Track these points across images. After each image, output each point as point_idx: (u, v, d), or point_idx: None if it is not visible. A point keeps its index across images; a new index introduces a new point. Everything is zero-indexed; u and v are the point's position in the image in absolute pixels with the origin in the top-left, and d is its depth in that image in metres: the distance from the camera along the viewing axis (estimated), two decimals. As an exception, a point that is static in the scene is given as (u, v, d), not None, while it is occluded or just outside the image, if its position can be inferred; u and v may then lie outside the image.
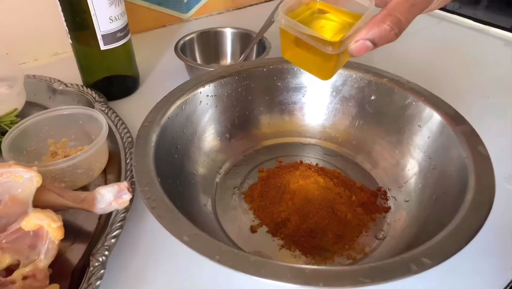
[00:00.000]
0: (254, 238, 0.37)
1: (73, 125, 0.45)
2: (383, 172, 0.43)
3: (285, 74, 0.46)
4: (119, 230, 0.34)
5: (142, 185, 0.30)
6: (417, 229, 0.34)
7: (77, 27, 0.49)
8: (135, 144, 0.34)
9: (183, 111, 0.40)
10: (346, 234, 0.36)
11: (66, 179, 0.40)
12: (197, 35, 0.60)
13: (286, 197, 0.38)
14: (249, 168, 0.44)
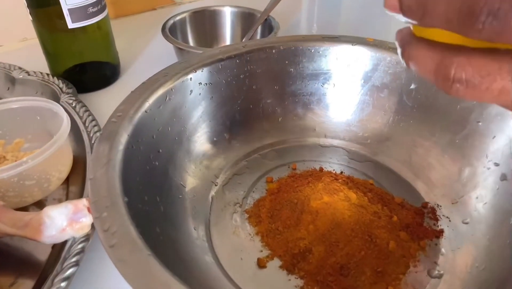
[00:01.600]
0: (262, 276, 0.27)
1: (29, 122, 0.35)
2: (429, 182, 0.33)
3: (300, 57, 0.37)
4: (74, 268, 0.25)
5: (99, 210, 0.20)
6: (493, 268, 0.24)
7: (38, 1, 0.40)
8: (95, 148, 0.24)
9: (168, 103, 0.31)
10: (389, 270, 0.26)
11: (10, 194, 0.30)
12: (189, 15, 0.50)
13: (305, 218, 0.28)
14: (255, 177, 0.34)
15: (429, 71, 0.15)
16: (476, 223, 0.29)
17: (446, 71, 0.14)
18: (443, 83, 0.15)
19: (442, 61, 0.15)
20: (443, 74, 0.14)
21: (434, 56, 0.15)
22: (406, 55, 0.16)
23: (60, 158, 0.32)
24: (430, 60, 0.15)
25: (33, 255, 0.29)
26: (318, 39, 0.37)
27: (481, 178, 0.30)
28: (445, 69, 0.14)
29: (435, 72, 0.15)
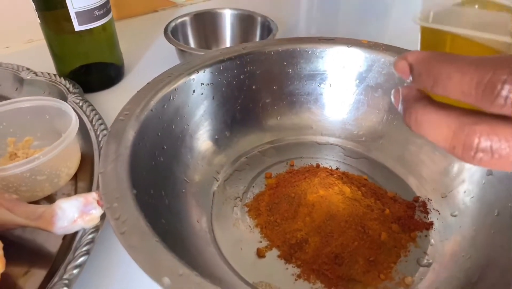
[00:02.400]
0: (261, 264, 0.28)
1: (38, 121, 0.37)
2: (420, 178, 0.35)
3: (297, 59, 0.38)
4: (85, 257, 0.26)
5: (109, 200, 0.22)
6: (477, 256, 0.26)
7: (46, 5, 0.41)
8: (105, 144, 0.26)
9: (172, 102, 0.32)
10: (381, 259, 0.28)
11: (22, 188, 0.31)
12: (191, 18, 0.52)
13: (302, 211, 0.30)
14: (254, 173, 0.36)
15: (444, 139, 0.14)
16: (463, 215, 0.30)
17: (468, 140, 0.13)
18: (463, 152, 0.14)
19: (461, 128, 0.14)
20: (464, 143, 0.13)
21: (450, 123, 0.14)
22: (413, 118, 0.15)
23: (69, 155, 0.34)
24: (446, 127, 0.14)
25: (45, 246, 0.30)
26: (314, 41, 0.38)
27: (469, 173, 0.32)
28: (466, 138, 0.13)
29: (452, 140, 0.14)
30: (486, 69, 0.13)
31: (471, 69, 0.13)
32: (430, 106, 0.15)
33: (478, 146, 0.13)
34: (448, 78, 0.13)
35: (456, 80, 0.13)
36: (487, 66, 0.13)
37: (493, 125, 0.13)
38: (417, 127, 0.15)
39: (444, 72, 0.14)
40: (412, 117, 0.15)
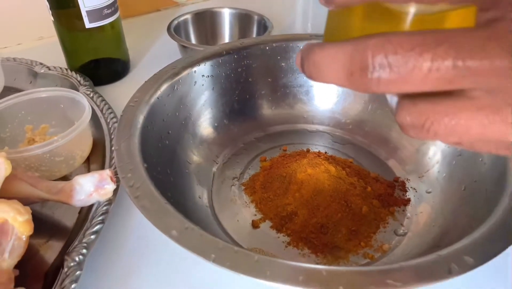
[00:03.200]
0: (256, 234, 0.32)
1: (53, 109, 0.40)
2: (400, 160, 0.38)
3: (290, 53, 0.42)
4: (100, 225, 0.30)
5: (124, 171, 0.26)
6: (444, 224, 0.30)
7: (59, 4, 0.45)
8: (118, 125, 0.29)
9: (176, 91, 0.36)
10: (362, 229, 0.32)
11: (42, 168, 0.35)
12: (192, 16, 0.55)
13: (292, 188, 0.33)
14: (250, 157, 0.40)
15: (341, 68, 0.13)
16: (436, 191, 0.34)
17: (363, 57, 0.13)
18: (360, 76, 0.13)
19: (355, 50, 0.13)
20: (360, 63, 0.13)
21: (343, 50, 0.13)
22: (311, 64, 0.15)
23: (82, 139, 0.38)
24: (340, 57, 0.13)
25: (62, 220, 0.34)
26: (306, 37, 0.42)
27: (443, 155, 0.35)
28: (361, 56, 0.13)
29: (349, 67, 0.13)
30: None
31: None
32: (322, 46, 0.14)
33: (374, 61, 0.13)
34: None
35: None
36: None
37: (387, 36, 0.13)
38: (316, 72, 0.15)
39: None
40: (310, 65, 0.15)
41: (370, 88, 0.13)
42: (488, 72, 0.12)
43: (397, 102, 0.15)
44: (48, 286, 0.27)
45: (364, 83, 0.13)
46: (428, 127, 0.14)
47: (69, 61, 0.50)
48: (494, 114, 0.13)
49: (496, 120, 0.13)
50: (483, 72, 0.12)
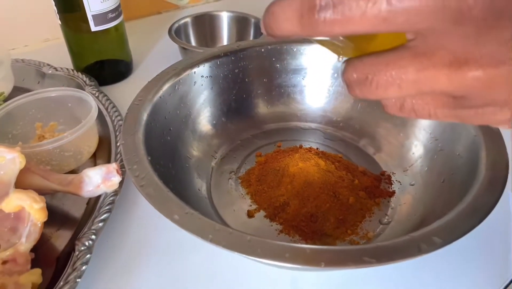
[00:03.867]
0: (251, 223, 0.35)
1: (61, 108, 0.43)
2: (387, 156, 0.41)
3: (284, 55, 0.44)
4: (107, 214, 0.32)
5: (130, 163, 0.28)
6: (424, 213, 0.32)
7: (66, 8, 0.47)
8: (124, 122, 0.32)
9: (176, 91, 0.38)
10: (349, 218, 0.34)
11: (53, 162, 0.37)
12: (192, 19, 0.58)
13: (285, 180, 0.36)
14: (246, 153, 0.42)
15: (294, 13, 0.14)
16: (418, 184, 0.36)
17: (311, 2, 0.13)
18: (309, 17, 0.13)
19: None
20: (308, 3, 0.13)
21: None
22: (267, 14, 0.15)
23: (90, 136, 0.40)
24: (293, 5, 0.14)
25: (71, 211, 0.36)
26: (299, 40, 0.44)
27: (426, 150, 0.38)
28: (309, 2, 0.13)
29: (300, 10, 0.14)
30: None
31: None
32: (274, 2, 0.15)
33: (320, 2, 0.13)
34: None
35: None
36: None
37: None
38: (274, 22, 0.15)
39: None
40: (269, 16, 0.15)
41: (318, 29, 0.13)
42: (418, 11, 0.12)
43: (346, 62, 0.16)
44: (59, 270, 0.30)
45: (312, 24, 0.13)
46: (371, 79, 0.15)
47: (75, 62, 0.53)
48: (427, 58, 0.14)
49: (427, 65, 0.14)
50: (414, 11, 0.12)
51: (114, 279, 0.31)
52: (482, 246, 0.34)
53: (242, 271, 0.31)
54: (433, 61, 0.14)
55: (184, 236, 0.34)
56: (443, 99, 0.15)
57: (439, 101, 0.15)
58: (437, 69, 0.14)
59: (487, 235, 0.34)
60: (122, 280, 0.31)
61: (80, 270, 0.28)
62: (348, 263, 0.22)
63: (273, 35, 0.15)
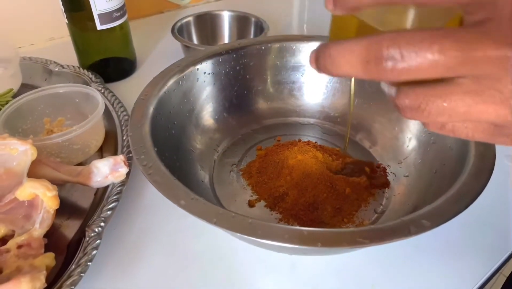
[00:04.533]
0: (252, 212, 0.36)
1: (69, 104, 0.45)
2: (382, 149, 0.42)
3: (284, 53, 0.46)
4: (115, 203, 0.34)
5: (138, 153, 0.30)
6: (416, 201, 0.34)
7: (73, 7, 0.49)
8: (131, 115, 0.34)
9: (180, 87, 0.40)
10: (345, 207, 0.36)
11: (62, 155, 0.39)
12: (194, 18, 0.60)
13: (284, 172, 0.38)
14: (247, 147, 0.44)
15: (357, 59, 0.16)
16: (412, 175, 0.38)
17: (378, 48, 0.15)
18: (376, 64, 0.15)
19: (370, 43, 0.15)
20: (375, 53, 0.15)
21: (359, 43, 0.16)
22: (323, 56, 0.16)
23: (96, 130, 0.42)
24: (356, 49, 0.16)
25: (80, 202, 0.38)
26: (298, 38, 0.46)
27: (419, 143, 0.40)
28: (376, 47, 0.15)
29: (365, 57, 0.15)
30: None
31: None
32: (338, 42, 0.16)
33: (388, 52, 0.15)
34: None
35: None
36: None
37: (399, 32, 0.15)
38: (331, 63, 0.17)
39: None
40: (326, 58, 0.17)
41: (385, 76, 0.15)
42: (483, 61, 0.15)
43: (397, 89, 0.17)
44: (70, 256, 0.32)
45: (379, 72, 0.15)
46: (423, 108, 0.16)
47: (81, 60, 0.54)
48: (478, 96, 0.16)
49: (478, 101, 0.16)
50: (479, 61, 0.15)
51: (121, 263, 0.32)
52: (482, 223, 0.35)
53: (243, 257, 0.33)
54: (484, 98, 0.16)
55: (188, 223, 0.35)
56: (484, 126, 0.17)
57: (479, 127, 0.17)
58: (487, 105, 0.16)
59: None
60: (129, 264, 0.32)
61: (91, 254, 0.30)
62: (342, 243, 0.23)
63: (328, 74, 0.17)
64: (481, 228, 0.36)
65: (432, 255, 0.34)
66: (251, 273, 0.32)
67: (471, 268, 0.33)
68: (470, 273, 0.32)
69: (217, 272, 0.32)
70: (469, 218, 0.35)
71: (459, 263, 0.33)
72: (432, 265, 0.33)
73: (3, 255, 0.28)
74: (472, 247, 0.34)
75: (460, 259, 0.33)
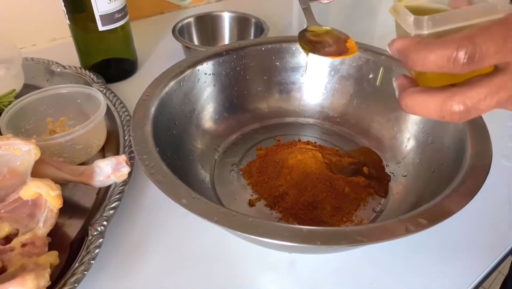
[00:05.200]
0: (252, 211, 0.37)
1: (71, 104, 0.45)
2: (381, 149, 0.43)
3: (284, 54, 0.46)
4: (118, 202, 0.35)
5: (140, 153, 0.30)
6: (415, 201, 0.34)
7: (75, 8, 0.49)
8: (133, 115, 0.34)
9: (181, 87, 0.40)
10: (344, 207, 0.36)
11: (64, 155, 0.40)
12: (195, 19, 0.60)
13: (284, 171, 0.38)
14: (248, 147, 0.44)
15: (434, 112, 0.20)
16: (410, 175, 0.39)
17: (452, 109, 0.20)
18: (451, 117, 0.20)
19: (445, 102, 0.20)
20: (450, 111, 0.20)
21: (436, 101, 0.20)
22: (404, 104, 0.22)
23: (98, 130, 0.42)
24: (433, 104, 0.20)
25: (82, 201, 0.38)
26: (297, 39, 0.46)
27: (417, 143, 0.40)
28: (450, 107, 0.20)
29: (441, 112, 0.20)
30: (452, 47, 0.19)
31: (441, 48, 0.19)
32: (415, 93, 0.21)
33: (460, 110, 0.20)
34: (424, 59, 0.20)
35: (432, 59, 0.20)
36: (452, 44, 0.19)
37: (464, 93, 0.19)
38: (408, 110, 0.22)
39: (421, 55, 0.20)
40: (403, 104, 0.22)
41: (456, 121, 0.21)
42: None
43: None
44: (73, 255, 0.32)
45: (453, 120, 0.20)
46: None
47: (82, 60, 0.55)
48: None
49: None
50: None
51: (124, 261, 0.33)
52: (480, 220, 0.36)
53: (243, 255, 0.33)
54: None
55: (188, 223, 0.36)
56: None
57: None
58: None
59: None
60: (131, 263, 0.33)
61: (94, 252, 0.30)
62: (341, 242, 0.24)
63: (412, 114, 0.22)
64: (478, 227, 0.36)
65: (430, 253, 0.34)
66: (251, 271, 0.33)
67: (468, 266, 0.33)
68: (468, 271, 0.33)
69: (217, 270, 0.33)
70: (467, 216, 0.35)
71: (456, 261, 0.34)
72: (430, 263, 0.33)
73: (7, 254, 0.29)
74: (469, 246, 0.35)
75: (457, 257, 0.34)
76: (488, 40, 0.19)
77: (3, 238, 0.30)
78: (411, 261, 0.33)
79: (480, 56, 0.19)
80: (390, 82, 0.43)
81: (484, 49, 0.19)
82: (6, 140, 0.33)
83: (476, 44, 0.19)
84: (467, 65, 0.19)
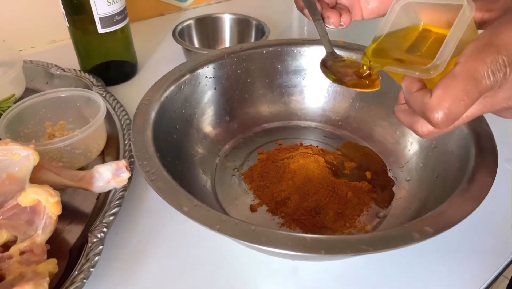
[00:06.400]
0: (254, 217, 0.36)
1: (70, 108, 0.45)
2: (384, 153, 0.42)
3: (285, 57, 0.46)
4: (118, 208, 0.34)
5: (141, 159, 0.30)
6: (418, 207, 0.34)
7: (74, 11, 0.49)
8: (134, 120, 0.34)
9: (182, 91, 0.40)
10: (347, 212, 0.36)
11: (64, 160, 0.39)
12: (195, 21, 0.60)
13: (286, 176, 0.38)
14: (249, 150, 0.44)
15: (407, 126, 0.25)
16: (414, 180, 0.38)
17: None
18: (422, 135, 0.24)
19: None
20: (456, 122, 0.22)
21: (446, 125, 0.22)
22: (421, 133, 0.25)
23: (98, 134, 0.42)
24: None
25: (82, 207, 0.38)
26: (299, 42, 0.46)
27: (421, 147, 0.40)
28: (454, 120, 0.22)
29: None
30: None
31: None
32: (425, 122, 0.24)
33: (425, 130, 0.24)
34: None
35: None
36: None
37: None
38: (424, 136, 0.25)
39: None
40: (420, 133, 0.25)
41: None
42: None
43: None
44: (72, 261, 0.32)
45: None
46: None
47: (82, 63, 0.54)
48: None
49: None
50: None
51: (123, 268, 0.32)
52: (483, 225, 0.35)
53: (245, 261, 0.33)
54: None
55: (189, 229, 0.36)
56: None
57: None
58: None
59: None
60: (131, 270, 0.32)
61: (93, 260, 0.30)
62: (346, 251, 0.23)
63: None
64: (482, 232, 0.36)
65: (434, 259, 0.34)
66: (253, 277, 0.32)
67: (473, 272, 0.33)
68: (472, 277, 0.32)
69: (219, 277, 0.32)
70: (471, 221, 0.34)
71: (461, 267, 0.33)
72: (434, 269, 0.33)
73: (5, 262, 0.28)
74: (473, 251, 0.34)
75: (461, 263, 0.33)
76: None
77: (1, 246, 0.30)
78: (415, 266, 0.33)
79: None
80: (393, 85, 0.43)
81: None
82: (5, 145, 0.33)
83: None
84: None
